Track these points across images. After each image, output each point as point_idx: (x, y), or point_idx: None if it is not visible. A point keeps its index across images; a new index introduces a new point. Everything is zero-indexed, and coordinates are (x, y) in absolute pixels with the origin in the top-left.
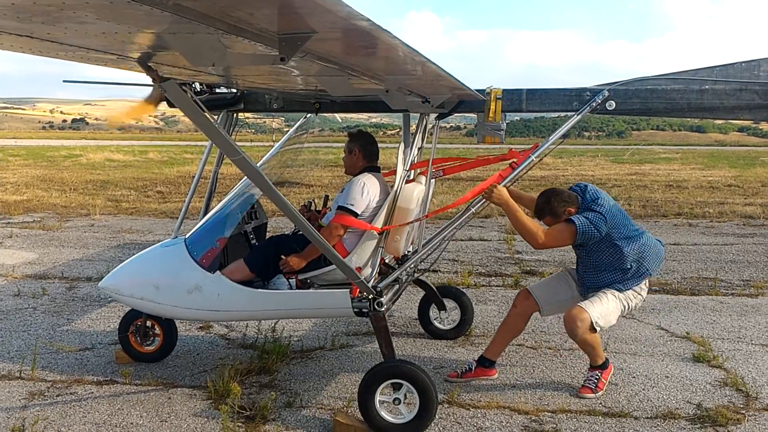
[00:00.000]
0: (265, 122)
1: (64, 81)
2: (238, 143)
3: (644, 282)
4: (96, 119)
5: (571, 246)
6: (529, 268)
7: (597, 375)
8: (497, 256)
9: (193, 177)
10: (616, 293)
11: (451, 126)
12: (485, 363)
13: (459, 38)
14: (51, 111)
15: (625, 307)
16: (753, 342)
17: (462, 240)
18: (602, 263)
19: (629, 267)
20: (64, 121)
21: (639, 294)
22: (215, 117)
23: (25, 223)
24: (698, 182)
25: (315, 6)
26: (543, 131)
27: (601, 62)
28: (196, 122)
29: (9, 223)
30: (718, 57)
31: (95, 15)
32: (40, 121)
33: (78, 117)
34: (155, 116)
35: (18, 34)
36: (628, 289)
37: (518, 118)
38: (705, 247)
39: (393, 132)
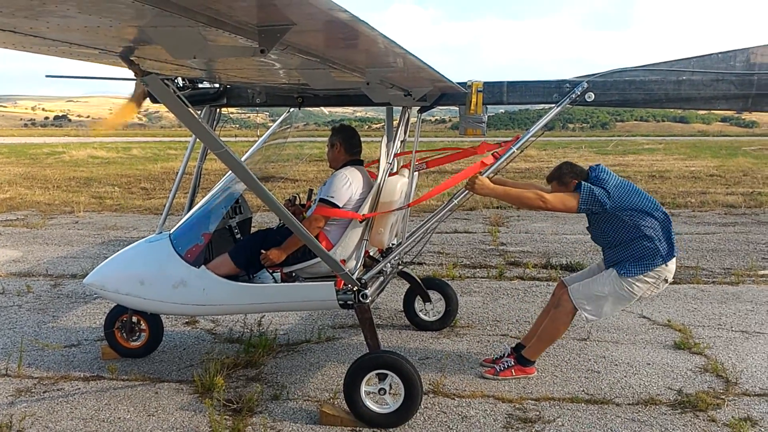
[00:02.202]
0: (249, 117)
1: (47, 76)
2: (223, 138)
3: (658, 268)
4: (80, 121)
5: (586, 230)
6: (513, 260)
7: (511, 364)
8: (482, 248)
9: (177, 173)
10: (614, 274)
11: (436, 119)
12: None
13: (444, 31)
14: (33, 108)
15: (628, 291)
16: (733, 329)
17: (447, 232)
18: (614, 239)
19: (640, 245)
20: (46, 118)
21: (652, 278)
22: (198, 112)
23: (9, 221)
24: (681, 172)
25: None
26: (527, 123)
27: (585, 53)
28: (179, 116)
29: None
30: (694, 48)
31: (77, 9)
32: (21, 119)
33: (60, 114)
34: (139, 113)
35: (1, 29)
36: (638, 274)
37: (503, 111)
38: (687, 236)
39: (377, 126)
